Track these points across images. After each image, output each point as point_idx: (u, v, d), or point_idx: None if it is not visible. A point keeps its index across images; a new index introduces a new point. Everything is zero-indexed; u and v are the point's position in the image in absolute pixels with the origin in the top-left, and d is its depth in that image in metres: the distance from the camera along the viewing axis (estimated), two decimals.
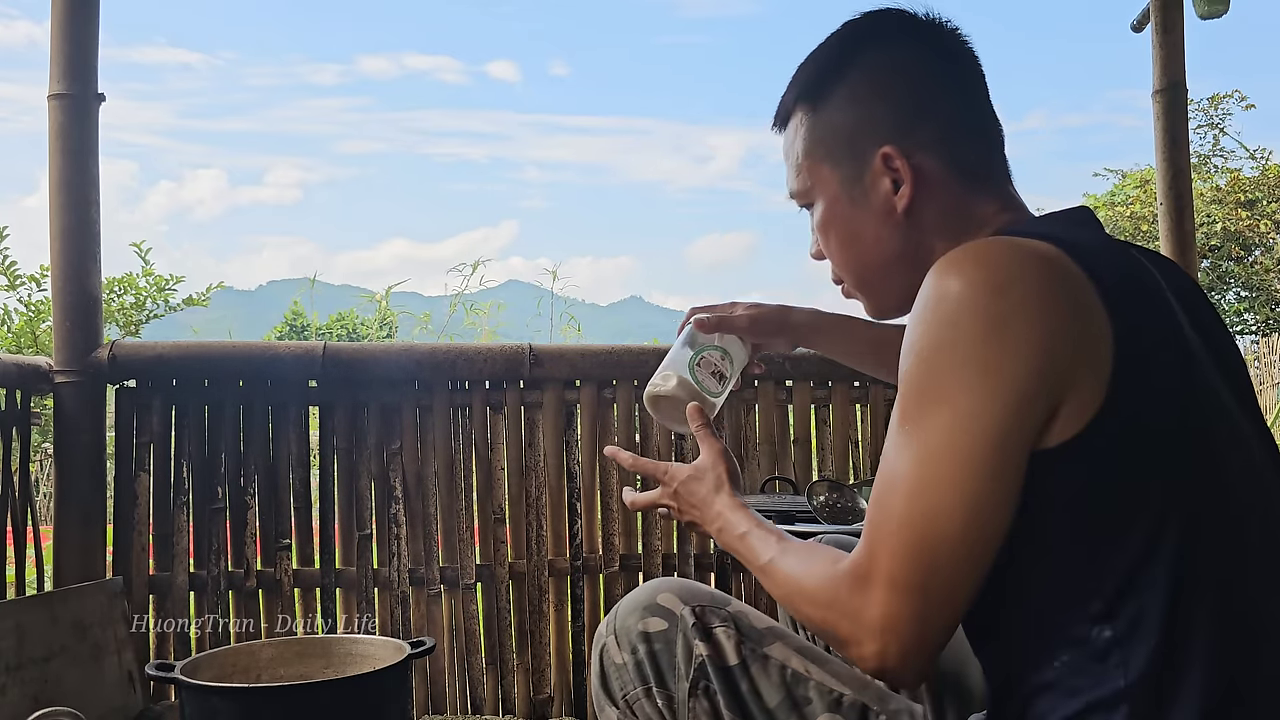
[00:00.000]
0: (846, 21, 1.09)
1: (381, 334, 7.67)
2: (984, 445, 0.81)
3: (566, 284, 8.30)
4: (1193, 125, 12.37)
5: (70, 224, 2.32)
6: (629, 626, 0.97)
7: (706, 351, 1.27)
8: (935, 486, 0.82)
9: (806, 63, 1.09)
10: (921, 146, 1.01)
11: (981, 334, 0.82)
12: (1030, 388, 0.81)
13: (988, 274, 0.84)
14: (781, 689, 0.90)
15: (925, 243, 1.02)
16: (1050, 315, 0.82)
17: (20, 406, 2.29)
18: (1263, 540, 0.88)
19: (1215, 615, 0.82)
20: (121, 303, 5.56)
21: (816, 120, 1.06)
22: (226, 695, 1.69)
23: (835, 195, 1.05)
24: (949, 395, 0.82)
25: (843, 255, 1.08)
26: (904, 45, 1.05)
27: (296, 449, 2.48)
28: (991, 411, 0.81)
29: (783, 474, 2.67)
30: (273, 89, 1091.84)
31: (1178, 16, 2.96)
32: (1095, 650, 0.82)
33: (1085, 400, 0.82)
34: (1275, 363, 10.01)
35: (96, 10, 2.37)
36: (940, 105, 1.03)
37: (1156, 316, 0.88)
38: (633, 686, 0.96)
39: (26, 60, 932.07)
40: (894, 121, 1.02)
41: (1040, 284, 0.83)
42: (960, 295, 0.84)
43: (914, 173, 1.00)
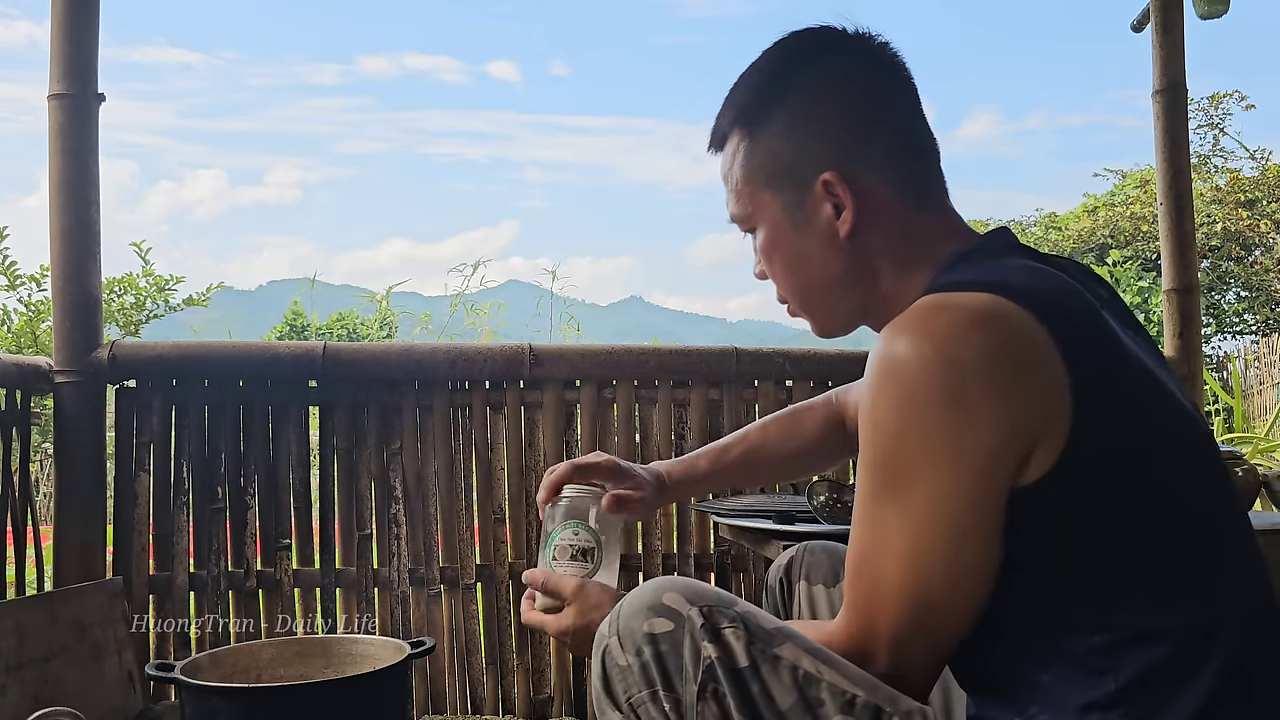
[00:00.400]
0: (780, 41, 1.08)
1: (381, 334, 7.67)
2: (965, 511, 0.85)
3: (566, 284, 8.33)
4: (1193, 125, 12.38)
5: (70, 224, 2.32)
6: (633, 627, 0.94)
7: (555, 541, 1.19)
8: (927, 555, 0.86)
9: (741, 84, 1.08)
10: (863, 170, 1.01)
11: (942, 408, 0.85)
12: (998, 449, 0.84)
13: (936, 345, 0.85)
14: (794, 691, 0.88)
15: (870, 265, 1.03)
16: (1004, 377, 0.84)
17: (20, 406, 2.29)
18: (1239, 537, 0.91)
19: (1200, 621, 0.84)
20: (121, 303, 5.57)
21: (754, 145, 1.06)
22: (226, 695, 1.69)
23: (777, 220, 1.05)
24: (922, 471, 0.86)
25: (787, 279, 1.09)
26: (840, 66, 1.05)
27: (296, 449, 2.48)
28: (966, 480, 0.85)
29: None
30: (273, 89, 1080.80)
31: (1178, 16, 2.96)
32: (1084, 658, 0.85)
33: (1052, 443, 0.85)
34: (1275, 363, 10.02)
35: (96, 10, 2.37)
36: (881, 126, 1.03)
37: (1104, 342, 0.90)
38: (638, 689, 0.93)
39: (26, 60, 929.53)
40: (834, 146, 1.02)
41: (990, 348, 0.85)
42: (914, 369, 0.85)
43: (855, 197, 1.01)
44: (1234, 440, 4.95)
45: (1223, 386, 8.54)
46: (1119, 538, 0.85)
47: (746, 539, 1.98)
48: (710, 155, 1.12)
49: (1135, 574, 0.85)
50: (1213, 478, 0.92)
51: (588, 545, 1.18)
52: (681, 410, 2.62)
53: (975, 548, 0.86)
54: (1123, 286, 11.90)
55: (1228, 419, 6.31)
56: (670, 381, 2.63)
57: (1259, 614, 0.89)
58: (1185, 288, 2.96)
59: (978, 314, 0.86)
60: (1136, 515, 0.86)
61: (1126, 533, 0.85)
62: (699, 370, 2.62)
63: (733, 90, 1.09)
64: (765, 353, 2.66)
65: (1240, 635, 0.85)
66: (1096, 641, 0.85)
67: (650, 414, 2.63)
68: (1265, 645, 0.88)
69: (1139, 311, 11.65)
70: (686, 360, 2.62)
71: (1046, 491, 0.85)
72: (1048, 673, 0.87)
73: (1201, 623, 0.84)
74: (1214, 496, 0.91)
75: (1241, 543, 0.91)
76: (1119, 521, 0.85)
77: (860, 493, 0.91)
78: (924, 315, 0.88)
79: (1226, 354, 10.89)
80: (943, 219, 1.04)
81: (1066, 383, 0.85)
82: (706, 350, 2.65)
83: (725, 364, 2.63)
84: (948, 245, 1.01)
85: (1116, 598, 0.85)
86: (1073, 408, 0.84)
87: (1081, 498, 0.85)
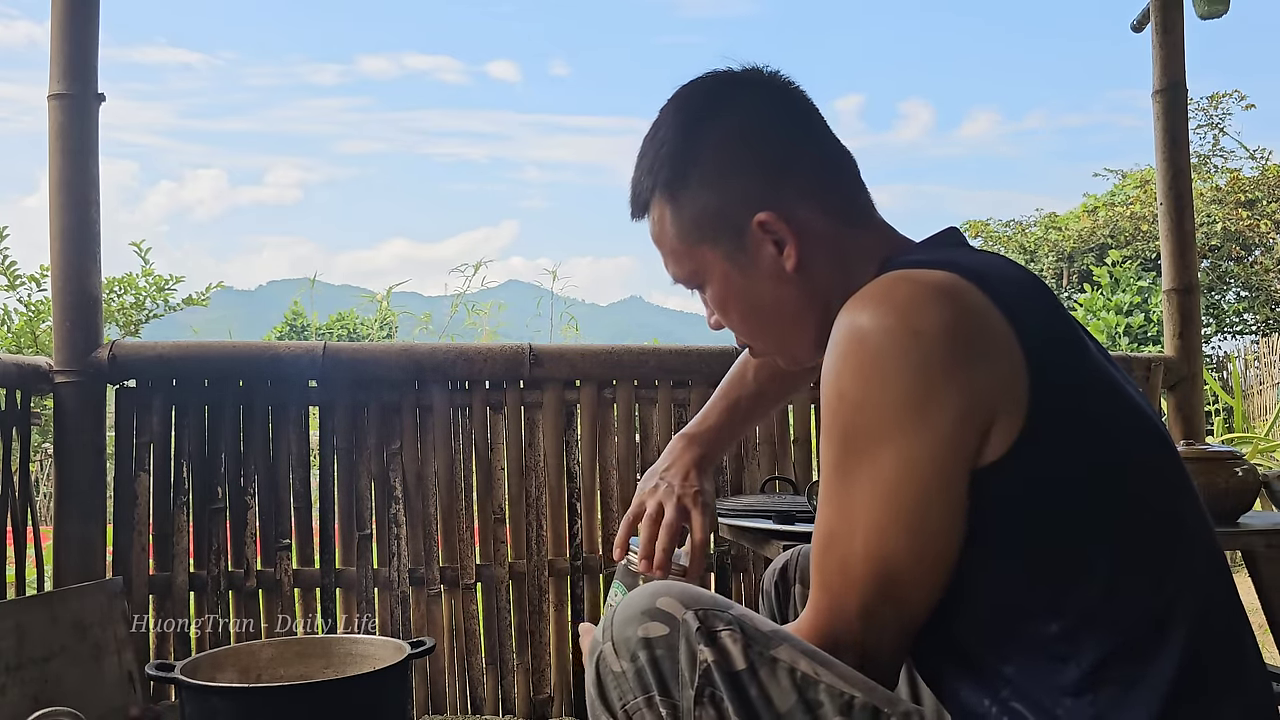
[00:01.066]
0: (675, 97, 1.09)
1: (381, 334, 7.68)
2: (931, 479, 0.86)
3: (566, 284, 8.32)
4: (1193, 125, 12.37)
5: (70, 224, 2.32)
6: (627, 633, 0.92)
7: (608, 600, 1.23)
8: (893, 525, 0.87)
9: (650, 149, 1.09)
10: (792, 202, 1.03)
11: (908, 377, 0.85)
12: (960, 420, 0.85)
13: (899, 315, 0.87)
14: (792, 693, 0.87)
15: (821, 290, 1.04)
16: (965, 349, 0.86)
17: (20, 406, 2.29)
18: (1195, 528, 0.92)
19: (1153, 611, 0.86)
20: (121, 303, 5.57)
21: (680, 207, 1.06)
22: (226, 695, 1.69)
23: (724, 271, 1.06)
24: (889, 439, 0.86)
25: (746, 325, 1.10)
26: (742, 108, 1.06)
27: (296, 449, 2.48)
28: (930, 449, 0.85)
29: (783, 474, 2.67)
30: (273, 89, 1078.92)
31: (1178, 16, 2.96)
32: (1044, 647, 0.86)
33: (1010, 423, 0.86)
34: (1275, 363, 10.02)
35: (96, 10, 2.37)
36: (797, 155, 1.04)
37: (1058, 329, 0.91)
38: (633, 696, 0.91)
39: (26, 60, 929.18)
40: (758, 187, 1.03)
41: (951, 319, 0.86)
42: (878, 339, 0.86)
43: (794, 230, 1.02)
44: (1234, 440, 4.95)
45: (1223, 386, 8.54)
46: (1072, 524, 0.86)
47: (746, 539, 1.98)
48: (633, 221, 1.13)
49: (1088, 562, 0.86)
50: (1166, 472, 0.93)
51: None
52: (681, 410, 2.62)
53: (941, 518, 0.87)
54: (1123, 286, 11.90)
55: (1228, 419, 6.31)
56: (670, 381, 2.63)
57: (1215, 606, 0.89)
58: (1185, 288, 2.96)
59: (938, 287, 0.88)
60: (1089, 502, 0.87)
61: (1079, 520, 0.86)
62: (699, 370, 2.62)
63: (642, 156, 1.10)
64: None
65: (1195, 626, 0.86)
66: (1055, 629, 0.86)
67: (650, 414, 2.63)
68: (1221, 636, 0.89)
69: (1139, 311, 11.65)
70: (686, 360, 2.62)
71: (1004, 473, 0.86)
72: (1012, 661, 0.88)
73: (1154, 612, 0.85)
74: (1168, 489, 0.92)
75: (1196, 535, 0.92)
76: (1072, 508, 0.86)
77: (825, 466, 0.91)
78: (886, 288, 0.90)
79: (1226, 354, 10.89)
80: (878, 231, 1.06)
81: (1022, 359, 0.86)
82: (706, 350, 2.65)
83: (725, 364, 2.61)
84: (884, 252, 1.03)
85: (1070, 585, 0.86)
86: (1029, 389, 0.85)
87: (1037, 481, 0.86)
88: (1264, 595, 1.97)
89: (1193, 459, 1.83)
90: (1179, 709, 0.83)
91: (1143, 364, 2.90)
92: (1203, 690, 0.85)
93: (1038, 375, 0.86)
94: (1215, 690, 0.86)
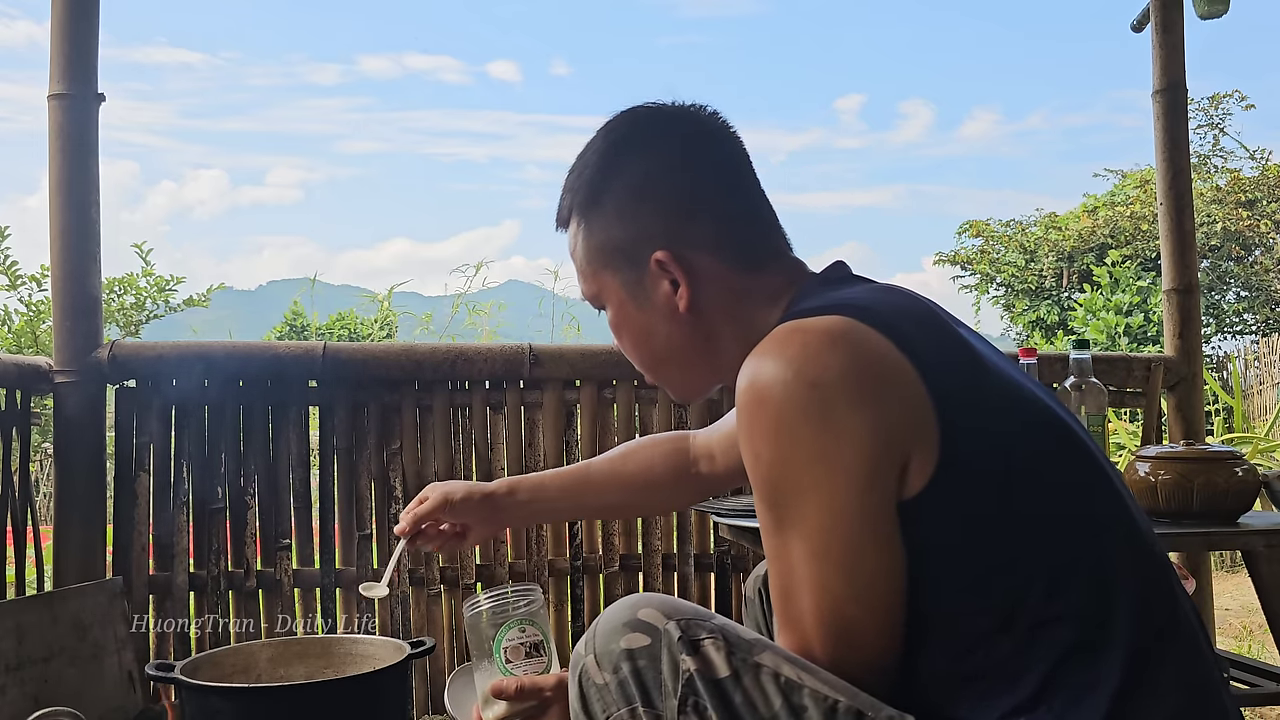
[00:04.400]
0: (609, 124, 1.12)
1: (382, 334, 7.68)
2: (857, 526, 0.87)
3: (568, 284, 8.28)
4: (1193, 125, 12.37)
5: (70, 224, 2.32)
6: (609, 645, 0.92)
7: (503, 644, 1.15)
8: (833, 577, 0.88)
9: (576, 167, 1.12)
10: (693, 245, 1.05)
11: (813, 430, 0.87)
12: (875, 460, 0.86)
13: (795, 369, 0.88)
14: (777, 698, 0.87)
15: (713, 332, 1.07)
16: (866, 391, 0.87)
17: (20, 406, 2.29)
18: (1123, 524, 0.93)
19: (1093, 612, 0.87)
20: (121, 303, 5.57)
21: (591, 229, 1.10)
22: (226, 695, 1.69)
23: (622, 299, 1.09)
24: (807, 494, 0.88)
25: (637, 353, 1.13)
26: (663, 147, 1.08)
27: (296, 449, 2.48)
28: (850, 496, 0.87)
29: None
30: (274, 89, 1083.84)
31: (1178, 16, 2.96)
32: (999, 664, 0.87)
33: (925, 453, 0.87)
34: (1275, 363, 10.02)
35: (96, 10, 2.37)
36: (706, 200, 1.06)
37: (950, 347, 0.93)
38: (616, 708, 0.91)
39: (26, 60, 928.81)
40: (662, 226, 1.05)
41: (848, 364, 0.87)
42: (779, 396, 0.88)
43: (688, 273, 1.05)
44: (1234, 440, 4.95)
45: (1223, 386, 8.54)
46: (1003, 541, 0.87)
47: (746, 539, 1.98)
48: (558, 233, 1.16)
49: (1024, 576, 0.87)
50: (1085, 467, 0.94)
51: (536, 639, 1.16)
52: (682, 410, 2.62)
53: (876, 558, 0.88)
54: (1122, 286, 11.90)
55: (1228, 419, 6.30)
56: None
57: (1155, 596, 0.90)
58: (1185, 288, 2.96)
59: (829, 333, 0.89)
60: (1015, 515, 0.88)
61: (1009, 535, 0.88)
62: None
63: (570, 173, 1.13)
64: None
65: (1137, 620, 0.87)
66: (1006, 648, 0.87)
67: (650, 414, 2.63)
68: (1165, 627, 0.89)
69: (1139, 311, 11.63)
70: None
71: (928, 505, 0.87)
72: (970, 685, 0.88)
73: (1095, 614, 0.86)
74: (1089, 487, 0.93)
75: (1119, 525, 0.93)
76: (999, 523, 0.88)
77: (762, 526, 0.93)
78: (780, 342, 0.91)
79: (1226, 354, 10.88)
80: (781, 275, 1.07)
81: (924, 390, 0.87)
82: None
83: None
84: (788, 295, 1.05)
85: (1012, 601, 0.87)
86: (937, 414, 0.87)
87: (960, 506, 0.87)
88: (1264, 595, 1.97)
89: (1193, 459, 1.83)
90: (1128, 705, 0.84)
91: (1143, 364, 2.90)
92: (1154, 681, 0.86)
93: (942, 403, 0.87)
94: (1167, 682, 0.87)
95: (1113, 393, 2.81)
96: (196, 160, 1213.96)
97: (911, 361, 0.88)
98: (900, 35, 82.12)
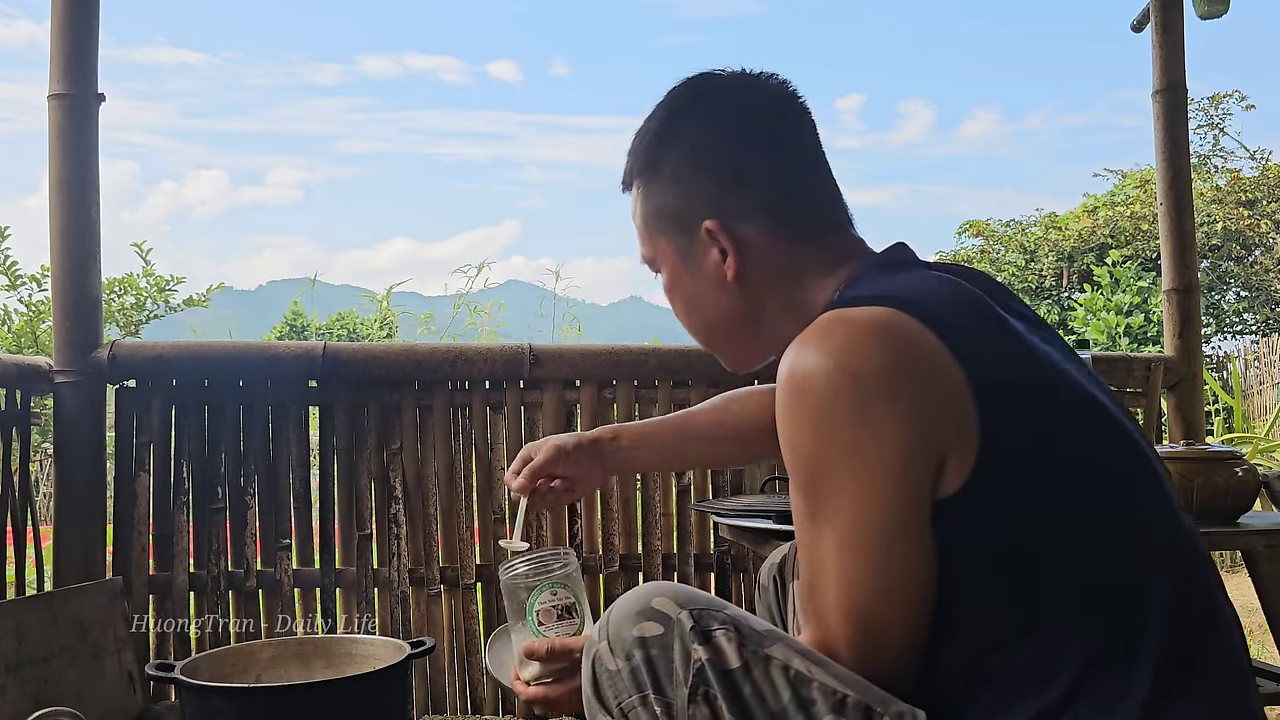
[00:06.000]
0: (673, 89, 1.12)
1: (382, 334, 7.68)
2: (889, 521, 0.87)
3: (569, 284, 8.28)
4: (1193, 125, 12.36)
5: (70, 224, 2.32)
6: (623, 632, 0.94)
7: (535, 607, 1.17)
8: (862, 572, 0.88)
9: (640, 131, 1.12)
10: (743, 216, 1.05)
11: (852, 422, 0.87)
12: (911, 455, 0.86)
13: (837, 360, 0.87)
14: (786, 690, 0.88)
15: (761, 303, 1.07)
16: (906, 384, 0.86)
17: (20, 406, 2.29)
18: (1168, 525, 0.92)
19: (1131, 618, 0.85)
20: (122, 303, 5.57)
21: (649, 193, 1.11)
22: (226, 695, 1.69)
23: (674, 264, 1.10)
24: (842, 485, 0.87)
25: (688, 319, 1.14)
26: (720, 115, 1.08)
27: (296, 449, 2.48)
28: (885, 488, 0.86)
29: (782, 474, 2.67)
30: (274, 89, 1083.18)
31: (1178, 16, 2.96)
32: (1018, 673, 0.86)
33: (964, 453, 0.86)
34: (1275, 363, 10.01)
35: (96, 10, 2.37)
36: (758, 171, 1.06)
37: (1003, 345, 0.91)
38: (628, 694, 0.93)
39: (27, 60, 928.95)
40: (713, 195, 1.06)
41: (890, 358, 0.87)
42: (819, 386, 0.88)
43: (736, 243, 1.05)
44: (1234, 440, 4.95)
45: (1223, 386, 8.54)
46: (1041, 542, 0.87)
47: (746, 539, 1.98)
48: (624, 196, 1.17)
49: (1058, 580, 0.86)
50: (1128, 462, 0.92)
51: (569, 602, 1.17)
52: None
53: (906, 554, 0.87)
54: (1123, 286, 11.89)
55: (1228, 419, 6.31)
56: (670, 381, 2.63)
57: (1192, 594, 0.89)
58: (1185, 288, 2.96)
59: (872, 325, 0.89)
60: (1055, 517, 0.87)
61: (1047, 537, 0.87)
62: (699, 370, 2.62)
63: (634, 137, 1.14)
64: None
65: (1173, 622, 0.86)
66: (1035, 650, 0.86)
67: (650, 414, 2.62)
68: (1203, 621, 0.88)
69: (1139, 311, 11.63)
70: (686, 360, 2.62)
71: (964, 503, 0.86)
72: (993, 686, 0.88)
73: (1128, 620, 0.85)
74: (1130, 485, 0.91)
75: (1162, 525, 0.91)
76: (1035, 525, 0.87)
77: (795, 514, 0.93)
78: (823, 331, 0.91)
79: (1226, 354, 10.87)
80: (837, 251, 1.06)
81: (967, 388, 0.86)
82: (706, 350, 2.65)
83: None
84: (843, 272, 1.04)
85: (1044, 604, 0.86)
86: (978, 413, 0.86)
87: (997, 506, 0.86)
88: (1264, 595, 1.97)
89: (1193, 459, 1.83)
90: (1159, 715, 0.83)
91: (1143, 364, 2.90)
92: (1185, 689, 0.85)
93: (984, 402, 0.86)
94: (1199, 688, 0.85)
95: (1113, 393, 2.81)
96: (197, 160, 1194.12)
97: (956, 357, 0.87)
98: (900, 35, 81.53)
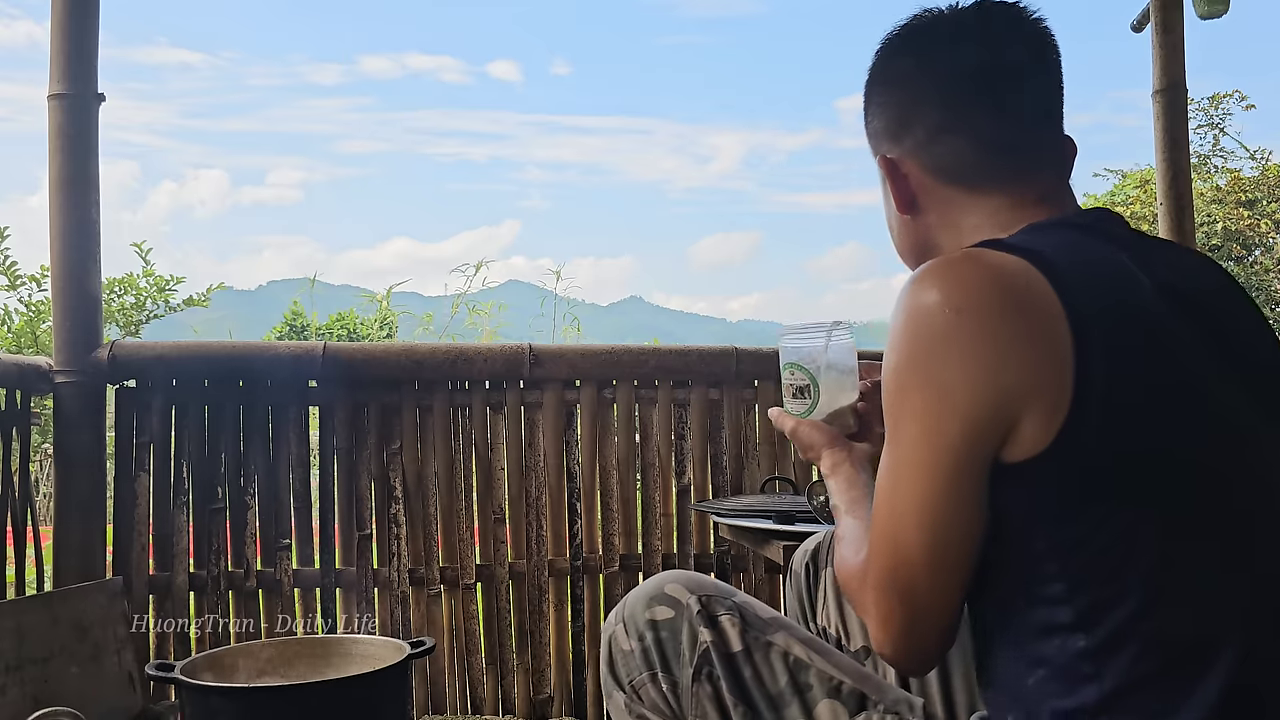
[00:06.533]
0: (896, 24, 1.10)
1: (381, 334, 7.67)
2: (943, 457, 0.85)
3: (569, 284, 8.29)
4: (1193, 125, 12.35)
5: (70, 224, 2.32)
6: (637, 615, 1.03)
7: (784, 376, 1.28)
8: (902, 494, 0.87)
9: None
10: (910, 153, 1.05)
11: (940, 354, 0.85)
12: (982, 406, 0.83)
13: (948, 293, 0.85)
14: (783, 675, 0.94)
15: (931, 239, 1.06)
16: (1003, 338, 0.83)
17: (20, 406, 2.29)
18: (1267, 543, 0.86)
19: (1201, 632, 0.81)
20: (122, 303, 5.57)
21: (866, 119, 1.12)
22: (226, 695, 1.70)
23: (882, 186, 1.12)
24: (915, 411, 0.86)
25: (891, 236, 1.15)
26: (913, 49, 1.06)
27: (296, 449, 2.48)
28: (949, 427, 0.84)
29: (783, 474, 2.67)
30: (274, 89, 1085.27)
31: (1178, 16, 2.96)
32: (1069, 661, 0.83)
33: (1041, 425, 0.82)
34: None
35: (96, 10, 2.37)
36: (929, 110, 1.03)
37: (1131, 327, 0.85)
38: (639, 672, 1.02)
39: (27, 60, 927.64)
40: (889, 129, 1.07)
41: (995, 302, 0.84)
42: (922, 313, 0.86)
43: (902, 179, 1.05)
44: None
45: None
46: (1110, 535, 0.81)
47: (746, 539, 1.98)
48: None
49: (1124, 574, 0.81)
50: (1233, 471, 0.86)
51: (803, 383, 1.24)
52: (681, 410, 2.62)
53: (947, 501, 0.85)
54: None
55: None
56: (670, 381, 2.63)
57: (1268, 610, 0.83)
58: None
59: (995, 270, 0.86)
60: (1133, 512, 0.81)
61: (1119, 531, 0.81)
62: (699, 370, 2.62)
63: None
64: (765, 353, 2.66)
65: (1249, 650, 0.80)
66: (1082, 644, 0.82)
67: (650, 414, 2.63)
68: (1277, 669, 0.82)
69: None
70: (686, 360, 2.62)
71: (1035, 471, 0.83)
72: (1034, 674, 0.85)
73: (1202, 634, 0.80)
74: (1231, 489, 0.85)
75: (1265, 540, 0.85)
76: (1110, 512, 0.81)
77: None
78: (947, 264, 0.89)
79: None
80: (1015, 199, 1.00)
81: (1071, 360, 0.81)
82: (706, 350, 2.65)
83: (725, 364, 2.63)
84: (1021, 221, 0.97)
85: (1102, 598, 0.81)
86: (1074, 387, 0.81)
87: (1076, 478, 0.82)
88: None
89: None
90: None
91: None
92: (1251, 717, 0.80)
93: (1087, 376, 0.81)
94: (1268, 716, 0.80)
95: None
96: (197, 160, 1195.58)
97: (1070, 321, 0.82)
98: None
